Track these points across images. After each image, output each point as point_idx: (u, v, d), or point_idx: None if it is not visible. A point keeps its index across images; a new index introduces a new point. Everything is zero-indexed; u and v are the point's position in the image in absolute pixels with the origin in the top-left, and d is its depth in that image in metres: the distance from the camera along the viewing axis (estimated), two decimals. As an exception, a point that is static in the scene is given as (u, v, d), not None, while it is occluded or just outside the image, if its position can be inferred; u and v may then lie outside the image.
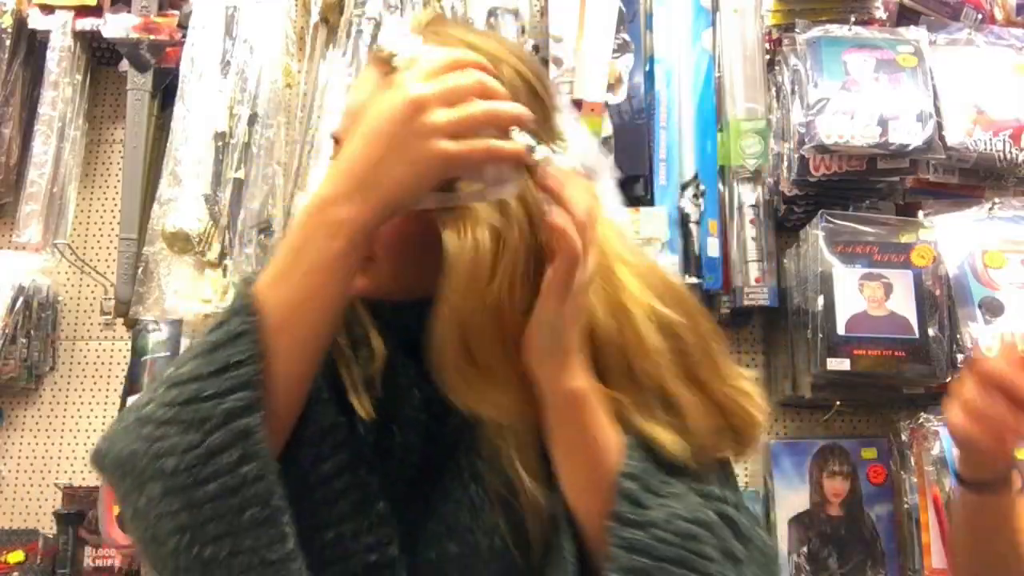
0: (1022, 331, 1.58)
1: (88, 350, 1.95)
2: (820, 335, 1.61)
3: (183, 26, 1.94)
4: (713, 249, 1.75)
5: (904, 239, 1.68)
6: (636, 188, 1.82)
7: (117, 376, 1.91)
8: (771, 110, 1.83)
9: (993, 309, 1.62)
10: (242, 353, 0.67)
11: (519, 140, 0.68)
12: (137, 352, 1.80)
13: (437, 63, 0.69)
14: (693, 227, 1.75)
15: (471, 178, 0.69)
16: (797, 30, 1.80)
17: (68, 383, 1.94)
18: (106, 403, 1.92)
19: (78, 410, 1.92)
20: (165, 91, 1.95)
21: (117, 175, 1.96)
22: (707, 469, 0.78)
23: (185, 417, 0.66)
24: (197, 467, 0.65)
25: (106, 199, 2.01)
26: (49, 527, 1.83)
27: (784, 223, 1.81)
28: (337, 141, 0.81)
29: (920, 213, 1.75)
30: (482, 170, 0.69)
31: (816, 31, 1.78)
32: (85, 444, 1.90)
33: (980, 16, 1.89)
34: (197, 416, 0.66)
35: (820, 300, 1.62)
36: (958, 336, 1.62)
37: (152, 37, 1.92)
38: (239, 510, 0.65)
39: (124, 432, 0.70)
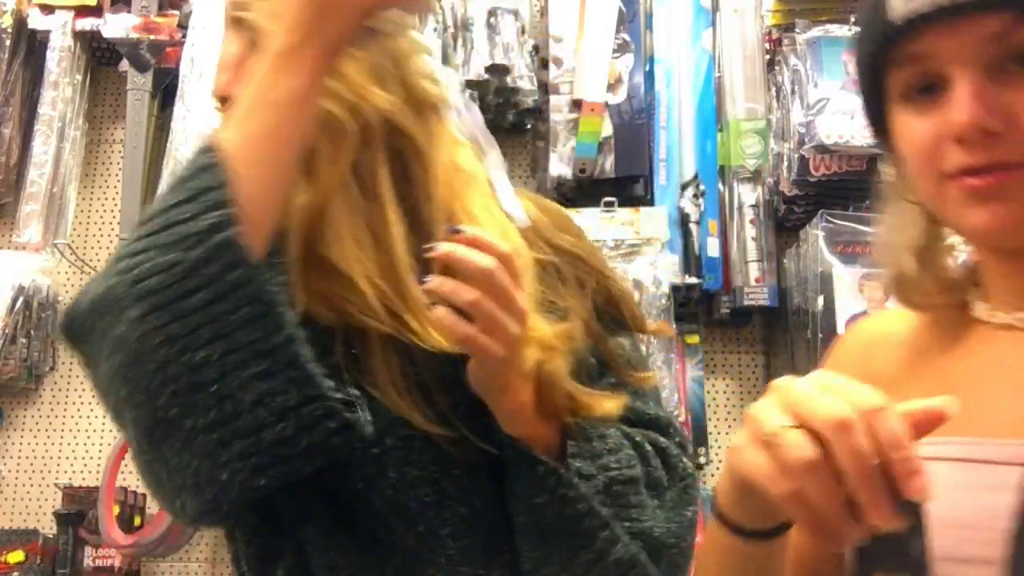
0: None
1: (88, 350, 1.95)
2: (820, 335, 1.61)
3: (183, 26, 1.95)
4: (713, 249, 1.76)
5: (904, 239, 1.68)
6: (636, 188, 1.82)
7: (117, 376, 1.91)
8: (771, 110, 1.83)
9: (993, 309, 1.62)
10: (211, 181, 0.69)
11: None
12: (137, 352, 1.80)
13: None
14: (693, 227, 1.75)
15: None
16: (797, 30, 1.80)
17: (68, 383, 1.94)
18: (106, 403, 1.92)
19: (78, 410, 1.93)
20: (165, 91, 1.95)
21: (117, 175, 1.96)
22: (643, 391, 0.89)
23: (163, 241, 0.67)
24: (183, 280, 0.65)
25: (106, 199, 2.01)
26: (49, 527, 1.83)
27: (784, 223, 1.82)
28: (224, 100, 0.86)
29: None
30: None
31: (816, 31, 1.78)
32: (85, 444, 1.90)
33: (980, 16, 1.89)
34: (176, 237, 0.67)
35: (820, 300, 1.63)
36: (958, 336, 1.62)
37: (152, 37, 1.92)
38: (232, 311, 0.66)
39: (97, 279, 0.71)
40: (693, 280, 1.72)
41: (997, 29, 0.60)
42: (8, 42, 1.94)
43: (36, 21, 1.95)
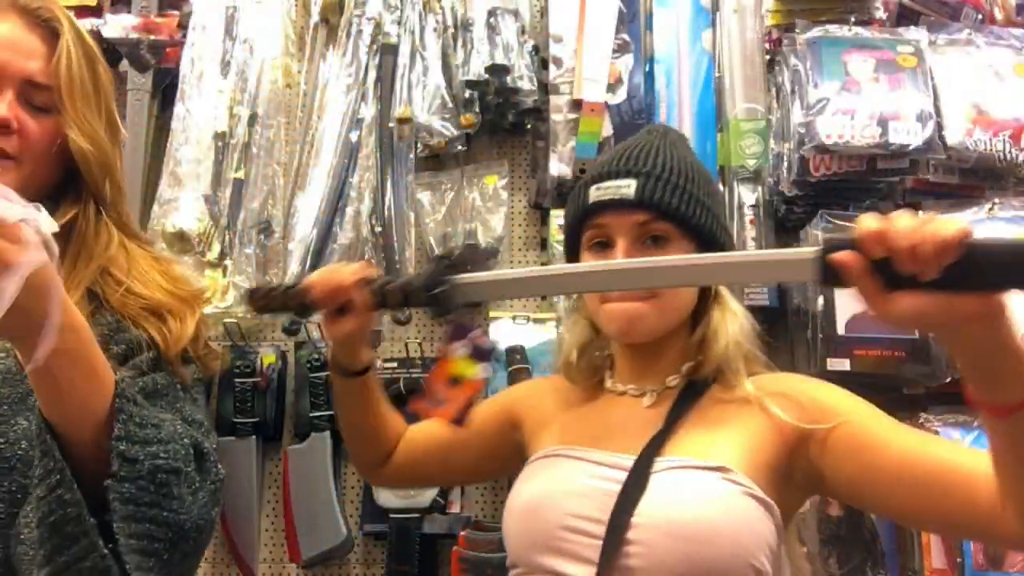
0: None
1: (88, 350, 1.95)
2: (820, 335, 1.61)
3: (183, 26, 1.95)
4: (713, 249, 1.76)
5: (904, 239, 1.68)
6: (636, 188, 1.82)
7: (117, 376, 1.91)
8: (771, 110, 1.83)
9: (993, 309, 1.62)
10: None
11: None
12: (137, 352, 1.80)
13: None
14: (693, 227, 1.75)
15: None
16: (797, 30, 1.80)
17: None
18: (106, 403, 1.92)
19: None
20: (165, 91, 1.95)
21: (117, 175, 1.96)
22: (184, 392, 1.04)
23: None
24: None
25: (106, 199, 2.01)
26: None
27: (784, 223, 1.81)
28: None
29: (920, 213, 1.74)
30: None
31: (816, 31, 1.78)
32: (85, 444, 1.90)
33: (980, 16, 1.89)
34: None
35: (820, 300, 1.62)
36: (958, 336, 1.61)
37: (152, 37, 1.92)
38: None
39: None
40: (693, 280, 1.71)
41: (642, 219, 1.07)
42: (8, 42, 1.94)
43: (36, 21, 1.95)
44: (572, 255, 1.16)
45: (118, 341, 1.02)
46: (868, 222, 0.77)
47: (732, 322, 1.11)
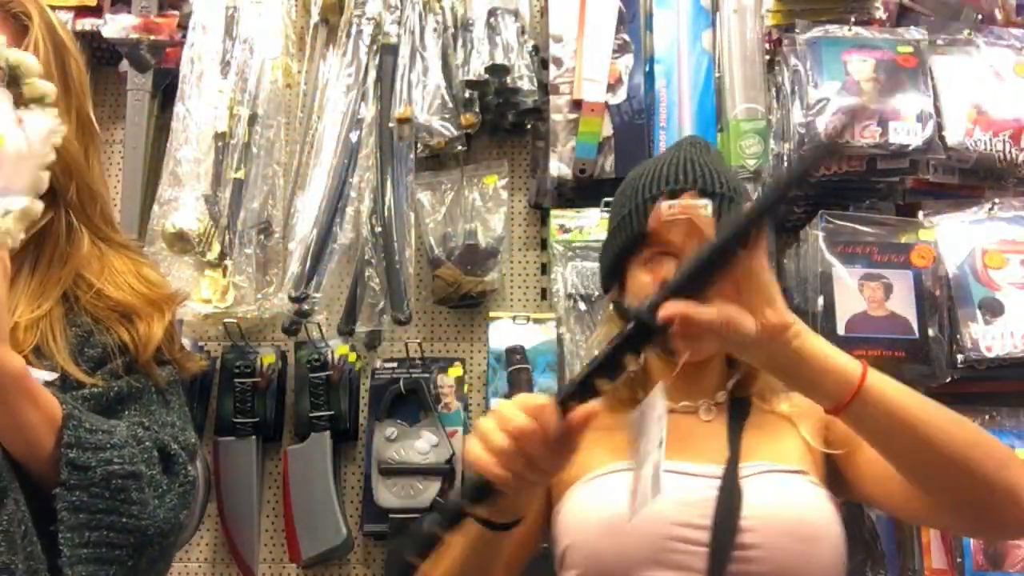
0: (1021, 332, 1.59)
1: (88, 350, 1.95)
2: (820, 335, 1.61)
3: (183, 26, 1.95)
4: (713, 249, 1.75)
5: (904, 239, 1.68)
6: (636, 188, 1.82)
7: (117, 376, 1.91)
8: (771, 110, 1.83)
9: (993, 309, 1.62)
10: None
11: None
12: (137, 352, 1.80)
13: None
14: (693, 227, 1.75)
15: None
16: (797, 30, 1.80)
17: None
18: (106, 403, 1.92)
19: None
20: (165, 91, 1.95)
21: (117, 175, 1.96)
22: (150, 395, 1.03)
23: None
24: None
25: (106, 199, 2.01)
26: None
27: (784, 223, 1.81)
28: None
29: (920, 213, 1.75)
30: None
31: (816, 31, 1.78)
32: (85, 444, 1.90)
33: (980, 16, 1.89)
34: None
35: (820, 300, 1.62)
36: (958, 336, 1.61)
37: (152, 37, 1.92)
38: None
39: None
40: (693, 280, 1.71)
41: None
42: (8, 42, 1.94)
43: (36, 21, 1.95)
44: (616, 267, 1.16)
45: (93, 344, 1.02)
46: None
47: None
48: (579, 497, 1.08)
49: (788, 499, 1.01)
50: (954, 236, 1.69)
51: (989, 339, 1.58)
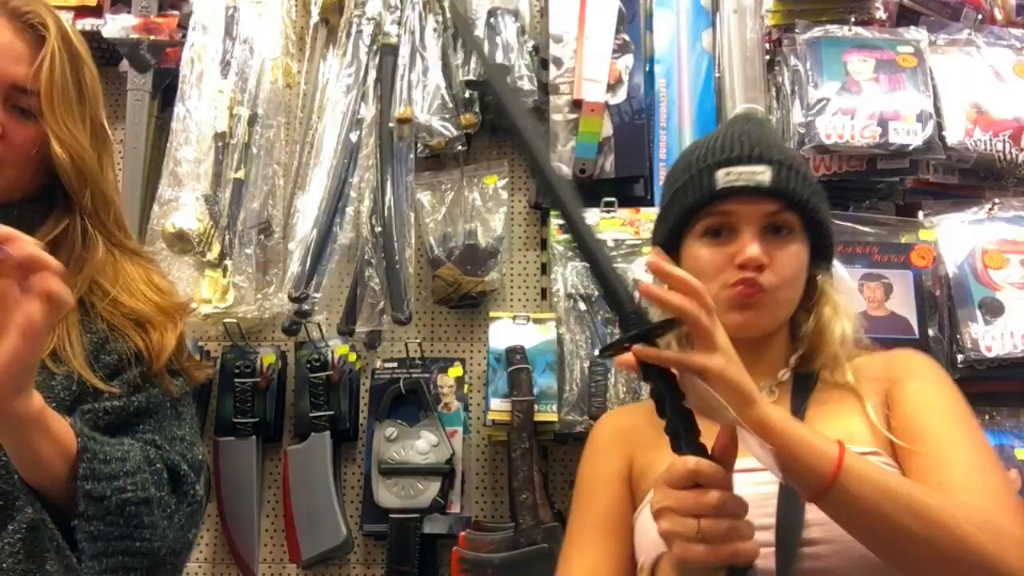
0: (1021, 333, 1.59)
1: (88, 350, 1.95)
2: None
3: (183, 26, 1.95)
4: (713, 249, 1.75)
5: (904, 239, 1.68)
6: (636, 188, 1.82)
7: (117, 376, 1.91)
8: (771, 110, 1.83)
9: (993, 309, 1.62)
10: None
11: None
12: (137, 352, 1.80)
13: None
14: (693, 227, 1.75)
15: None
16: (797, 30, 1.80)
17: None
18: (106, 403, 1.92)
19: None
20: (165, 91, 1.95)
21: (117, 175, 1.96)
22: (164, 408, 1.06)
23: None
24: None
25: (106, 199, 2.01)
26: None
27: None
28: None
29: (920, 213, 1.75)
30: None
31: (816, 31, 1.78)
32: (85, 444, 1.90)
33: (980, 16, 1.89)
34: None
35: (820, 300, 1.62)
36: (958, 336, 1.62)
37: (152, 37, 1.92)
38: None
39: None
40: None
41: (774, 209, 1.05)
42: (8, 42, 1.93)
43: (36, 21, 1.95)
44: (672, 241, 1.11)
45: (108, 351, 1.03)
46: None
47: (841, 317, 1.09)
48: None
49: None
50: (954, 236, 1.69)
51: (989, 339, 1.58)
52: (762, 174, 1.04)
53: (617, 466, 1.13)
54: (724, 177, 1.04)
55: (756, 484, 0.94)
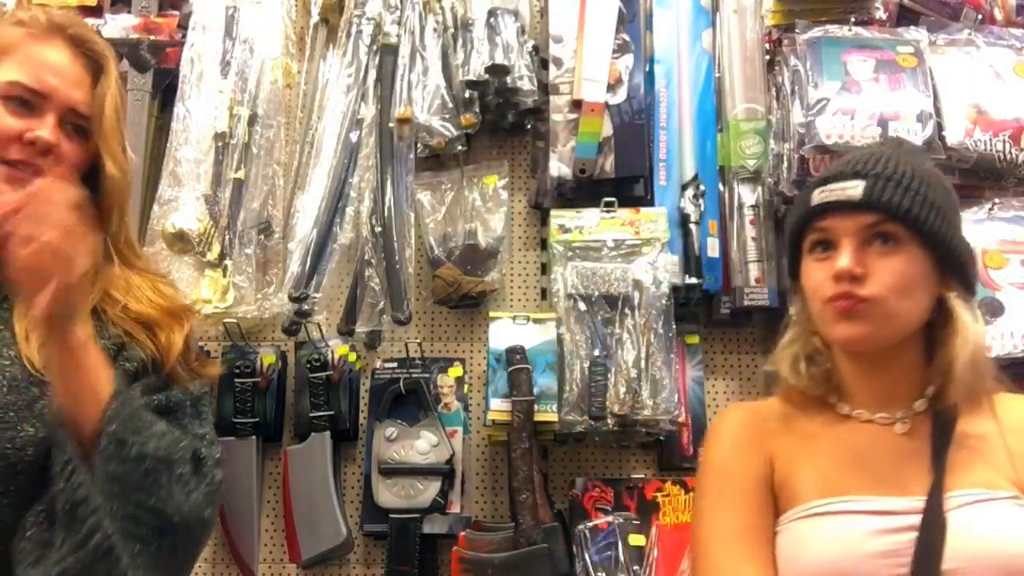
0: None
1: (88, 350, 1.95)
2: (820, 335, 1.61)
3: (183, 26, 1.95)
4: (713, 249, 1.76)
5: (904, 239, 1.68)
6: (636, 188, 1.82)
7: (117, 376, 1.91)
8: (771, 110, 1.83)
9: (993, 309, 1.62)
10: None
11: None
12: (137, 352, 1.80)
13: None
14: (693, 227, 1.75)
15: None
16: (797, 30, 1.80)
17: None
18: (106, 403, 1.92)
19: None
20: (165, 91, 1.95)
21: (117, 175, 1.96)
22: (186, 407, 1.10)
23: None
24: None
25: (106, 199, 2.01)
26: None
27: (784, 223, 1.81)
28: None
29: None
30: None
31: (816, 31, 1.78)
32: (85, 444, 1.90)
33: (980, 16, 1.89)
34: None
35: (820, 300, 1.62)
36: (958, 336, 1.61)
37: (152, 37, 1.92)
38: None
39: None
40: (693, 280, 1.71)
41: (871, 221, 1.06)
42: (8, 42, 1.93)
43: (36, 21, 1.94)
44: (794, 261, 1.16)
45: (127, 358, 1.09)
46: None
47: (970, 343, 1.06)
48: (795, 535, 1.04)
49: (996, 532, 0.93)
50: (954, 236, 1.69)
51: (989, 339, 1.58)
52: (853, 188, 1.06)
53: (762, 469, 1.11)
54: (819, 195, 1.09)
55: (894, 530, 0.95)
